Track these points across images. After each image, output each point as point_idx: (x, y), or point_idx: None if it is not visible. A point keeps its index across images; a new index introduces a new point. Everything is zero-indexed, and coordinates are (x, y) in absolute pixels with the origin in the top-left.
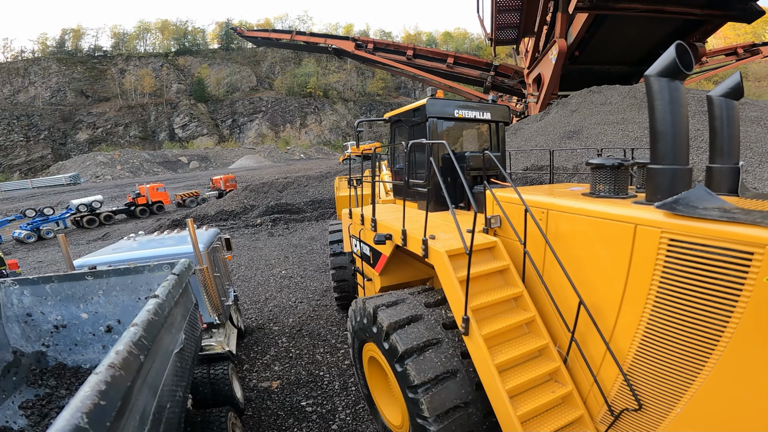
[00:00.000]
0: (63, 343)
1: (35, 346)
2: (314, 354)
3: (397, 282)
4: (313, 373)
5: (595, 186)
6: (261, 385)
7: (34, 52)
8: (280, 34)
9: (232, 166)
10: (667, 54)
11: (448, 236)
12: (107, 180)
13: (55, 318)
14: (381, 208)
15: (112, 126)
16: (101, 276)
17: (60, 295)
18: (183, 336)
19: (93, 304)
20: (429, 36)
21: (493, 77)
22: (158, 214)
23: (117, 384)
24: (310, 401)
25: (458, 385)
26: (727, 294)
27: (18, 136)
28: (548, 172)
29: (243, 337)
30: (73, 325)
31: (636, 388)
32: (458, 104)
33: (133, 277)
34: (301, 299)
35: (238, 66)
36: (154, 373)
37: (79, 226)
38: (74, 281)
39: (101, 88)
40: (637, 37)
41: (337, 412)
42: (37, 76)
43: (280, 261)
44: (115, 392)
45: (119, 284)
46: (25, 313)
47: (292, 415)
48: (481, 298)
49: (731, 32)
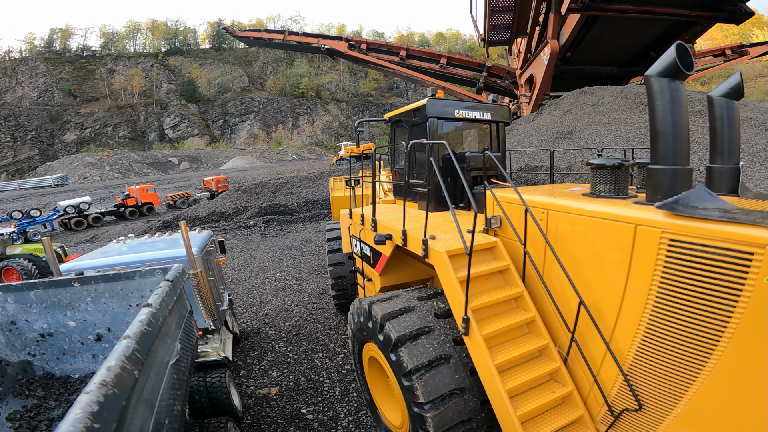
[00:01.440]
0: (50, 352)
1: (21, 355)
2: (313, 359)
3: (398, 282)
4: (312, 378)
5: (595, 186)
6: (259, 391)
7: (21, 52)
8: (273, 34)
9: (223, 166)
10: (667, 54)
11: (448, 236)
12: (96, 181)
13: (41, 326)
14: (381, 208)
15: (100, 126)
16: (89, 282)
17: (45, 302)
18: (179, 346)
19: (81, 311)
20: (422, 37)
21: (485, 78)
22: (148, 216)
23: (110, 404)
24: (311, 408)
25: (452, 371)
26: (727, 294)
27: (5, 136)
28: (542, 172)
29: (239, 342)
30: (60, 333)
31: (636, 389)
32: (459, 104)
33: (124, 283)
34: (297, 302)
35: (229, 66)
36: (149, 388)
37: (66, 228)
38: (60, 288)
39: (90, 88)
40: (627, 38)
41: (339, 420)
42: (24, 76)
43: (274, 263)
44: (109, 413)
45: (108, 291)
46: (9, 321)
47: (293, 423)
48: (481, 299)
49: (719, 33)
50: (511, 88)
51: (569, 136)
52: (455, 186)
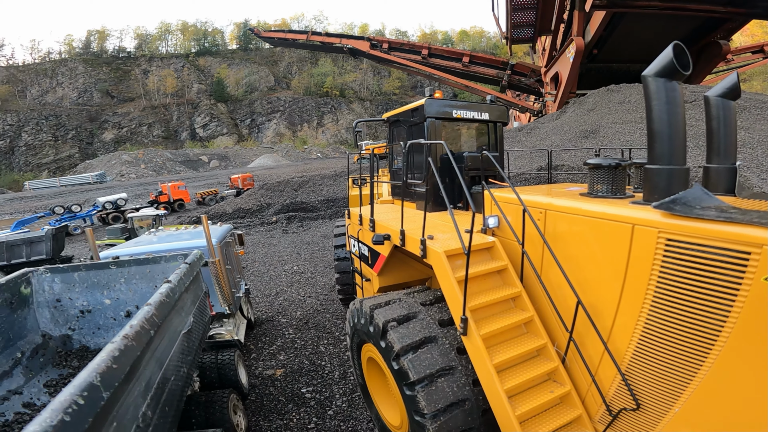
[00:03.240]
0: (87, 327)
1: (62, 330)
2: (318, 345)
3: (396, 282)
4: (315, 362)
5: (592, 186)
6: (266, 373)
7: (61, 53)
8: (296, 35)
9: (250, 165)
10: (664, 54)
11: (446, 236)
12: (132, 178)
13: (82, 303)
14: (379, 208)
15: (136, 126)
16: (123, 265)
17: (87, 282)
18: (192, 319)
19: (115, 291)
20: (445, 35)
21: (509, 76)
22: (179, 212)
23: (128, 353)
24: (310, 388)
25: (455, 382)
26: (724, 294)
27: (47, 135)
28: (561, 171)
29: (253, 328)
30: (97, 310)
31: (634, 388)
32: (456, 104)
33: (151, 267)
34: (309, 294)
35: (256, 66)
36: (162, 348)
37: (104, 222)
38: (100, 270)
39: (126, 88)
40: (657, 35)
41: (335, 399)
42: (64, 77)
43: (292, 257)
44: (126, 359)
45: (139, 273)
46: (55, 299)
47: (292, 401)
48: (479, 298)
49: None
50: (536, 86)
51: (593, 135)
52: (453, 186)
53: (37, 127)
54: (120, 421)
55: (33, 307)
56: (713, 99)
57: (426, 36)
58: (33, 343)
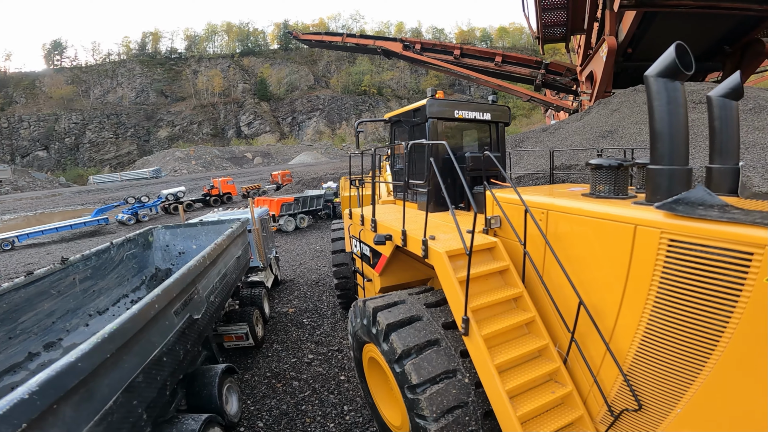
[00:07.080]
0: (181, 263)
1: (167, 265)
2: (321, 296)
3: (397, 282)
4: (317, 305)
5: (594, 186)
6: (282, 309)
7: (119, 54)
8: (332, 37)
9: (291, 162)
10: (666, 54)
11: (448, 237)
12: (184, 174)
13: (180, 248)
14: (381, 208)
15: (187, 124)
16: (205, 225)
17: (184, 234)
18: (240, 252)
19: (199, 240)
20: (483, 32)
21: (543, 75)
22: (227, 204)
23: (195, 270)
24: (309, 320)
25: (457, 385)
26: (726, 294)
27: (108, 133)
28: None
29: (278, 285)
30: (188, 252)
31: (636, 389)
32: (458, 105)
33: (218, 227)
34: (324, 265)
35: (296, 65)
36: (225, 259)
37: (167, 212)
38: (191, 228)
39: (178, 88)
40: (693, 34)
41: (323, 326)
42: (123, 78)
43: (317, 240)
44: (191, 276)
45: (212, 230)
46: (165, 245)
47: (295, 326)
48: (481, 299)
49: None
50: (571, 84)
51: (611, 136)
52: (455, 186)
53: (100, 125)
54: (205, 285)
55: (152, 250)
56: (715, 99)
57: (463, 33)
58: (150, 273)
